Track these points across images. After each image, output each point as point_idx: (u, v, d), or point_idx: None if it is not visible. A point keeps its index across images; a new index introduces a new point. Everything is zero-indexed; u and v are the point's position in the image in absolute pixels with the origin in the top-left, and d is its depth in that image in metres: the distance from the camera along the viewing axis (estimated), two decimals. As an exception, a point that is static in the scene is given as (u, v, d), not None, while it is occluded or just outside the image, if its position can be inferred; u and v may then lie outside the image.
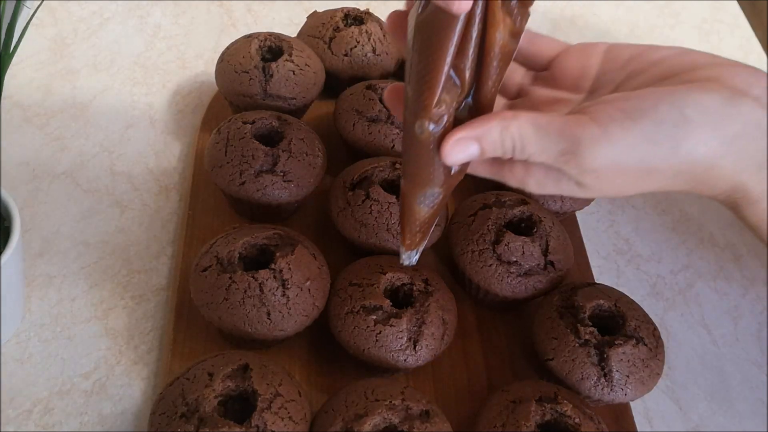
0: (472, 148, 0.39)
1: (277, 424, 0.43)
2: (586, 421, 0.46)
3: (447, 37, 0.37)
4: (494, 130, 0.38)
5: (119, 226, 0.62)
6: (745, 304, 0.65)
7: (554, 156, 0.37)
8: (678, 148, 0.36)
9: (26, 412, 0.50)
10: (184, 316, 0.55)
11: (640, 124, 0.36)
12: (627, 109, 0.37)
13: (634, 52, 0.42)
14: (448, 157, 0.39)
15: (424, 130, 0.39)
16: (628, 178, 0.37)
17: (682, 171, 0.37)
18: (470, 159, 0.40)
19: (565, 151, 0.37)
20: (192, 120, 0.71)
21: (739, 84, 0.37)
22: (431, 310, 0.51)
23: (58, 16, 0.79)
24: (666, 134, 0.36)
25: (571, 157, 0.37)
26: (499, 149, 0.38)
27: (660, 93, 0.37)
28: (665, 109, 0.36)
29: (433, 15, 0.37)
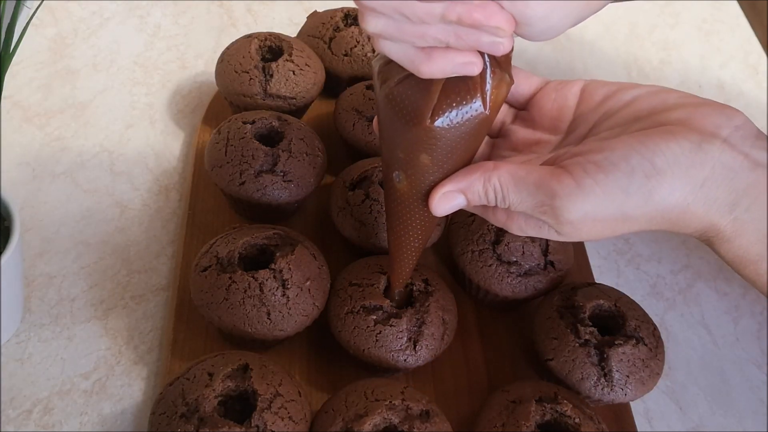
0: (459, 199, 0.41)
1: (277, 424, 0.43)
2: (586, 421, 0.46)
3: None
4: (477, 183, 0.40)
5: (119, 226, 0.62)
6: (745, 304, 0.65)
7: (532, 207, 0.39)
8: (650, 197, 0.37)
9: (26, 412, 0.50)
10: (184, 316, 0.55)
11: (613, 177, 0.37)
12: (599, 161, 0.38)
13: (609, 91, 0.43)
14: (436, 209, 0.41)
15: (402, 180, 0.42)
16: (604, 225, 0.39)
17: (655, 217, 0.38)
18: (456, 209, 0.42)
19: (542, 203, 0.39)
20: (192, 120, 0.71)
21: (708, 126, 0.38)
22: (431, 310, 0.51)
23: (58, 16, 0.79)
24: (638, 185, 0.37)
25: (548, 208, 0.39)
26: (483, 199, 0.41)
27: (630, 143, 0.38)
28: (636, 161, 0.37)
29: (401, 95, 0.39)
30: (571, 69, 0.84)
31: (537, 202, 0.39)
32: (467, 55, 0.36)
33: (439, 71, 0.36)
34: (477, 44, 0.36)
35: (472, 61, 0.36)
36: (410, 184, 0.42)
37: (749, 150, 0.38)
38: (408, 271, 0.48)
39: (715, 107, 0.39)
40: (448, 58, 0.36)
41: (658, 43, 0.90)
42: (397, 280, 0.49)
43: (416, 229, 0.45)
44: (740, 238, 0.39)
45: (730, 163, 0.37)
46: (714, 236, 0.39)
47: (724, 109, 0.39)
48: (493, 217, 0.43)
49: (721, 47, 0.91)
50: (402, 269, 0.48)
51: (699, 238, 0.40)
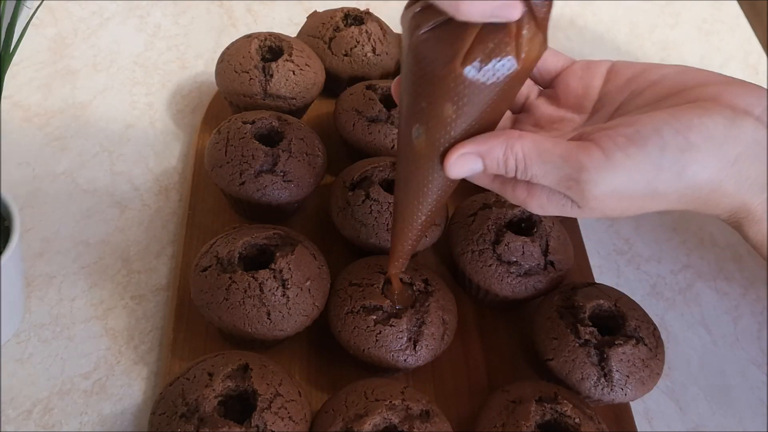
0: (476, 164, 0.39)
1: (277, 424, 0.43)
2: (586, 421, 0.46)
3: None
4: (498, 149, 0.38)
5: (119, 226, 0.62)
6: (745, 304, 0.65)
7: (557, 180, 0.38)
8: (683, 173, 0.36)
9: (26, 412, 0.50)
10: (184, 316, 0.55)
11: (644, 151, 0.36)
12: (630, 135, 0.36)
13: (636, 71, 0.42)
14: (450, 171, 0.39)
15: (421, 134, 0.39)
16: (632, 202, 0.38)
17: (686, 194, 0.37)
18: (472, 174, 0.40)
19: (569, 177, 0.37)
20: (192, 120, 0.71)
21: (740, 104, 0.37)
22: (431, 310, 0.51)
23: (58, 16, 0.79)
24: (670, 160, 0.36)
25: (574, 183, 0.37)
26: (502, 168, 0.39)
27: (663, 117, 0.37)
28: (669, 135, 0.36)
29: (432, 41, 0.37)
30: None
31: (563, 176, 0.37)
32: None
33: (478, 12, 0.34)
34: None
35: (511, 3, 0.34)
36: (429, 139, 0.39)
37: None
38: (409, 251, 0.46)
39: (746, 86, 0.38)
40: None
41: (658, 43, 0.90)
42: (397, 260, 0.47)
43: (427, 197, 0.42)
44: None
45: (762, 140, 0.36)
46: (744, 217, 0.38)
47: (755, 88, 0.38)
48: (512, 194, 0.41)
49: (721, 47, 0.91)
50: (403, 247, 0.46)
51: (727, 220, 0.39)
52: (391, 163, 0.58)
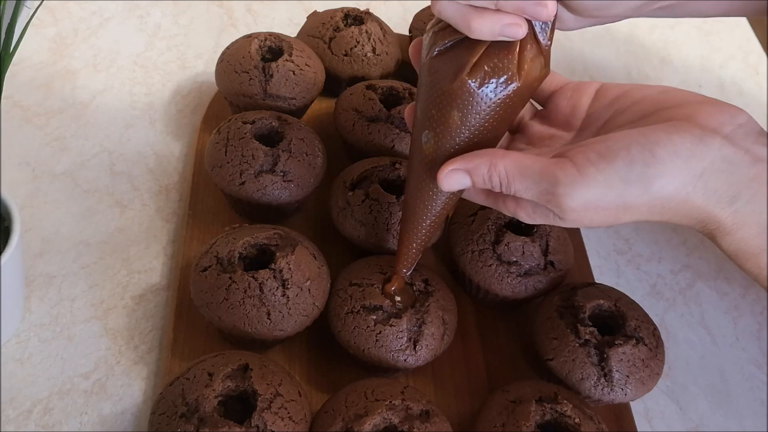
0: (464, 179, 0.43)
1: (277, 424, 0.43)
2: (586, 421, 0.46)
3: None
4: (483, 167, 0.42)
5: (119, 226, 0.62)
6: (745, 304, 0.65)
7: (537, 195, 0.41)
8: (650, 185, 0.38)
9: (26, 412, 0.50)
10: (184, 316, 0.55)
11: (614, 165, 0.39)
12: (601, 151, 0.39)
13: (622, 91, 0.45)
14: (442, 183, 0.43)
15: (430, 140, 0.44)
16: (606, 213, 0.40)
17: (655, 206, 0.39)
18: (461, 188, 0.44)
19: (546, 191, 0.40)
20: (192, 120, 0.71)
21: (711, 123, 0.39)
22: (431, 310, 0.51)
23: (58, 16, 0.79)
24: (637, 174, 0.38)
25: (551, 196, 0.40)
26: (488, 184, 0.42)
27: (632, 135, 0.39)
28: (636, 151, 0.38)
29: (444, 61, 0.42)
30: (571, 69, 0.84)
31: (541, 190, 0.40)
32: (514, 18, 0.39)
33: (488, 30, 0.39)
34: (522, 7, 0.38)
35: (518, 23, 0.39)
36: (437, 145, 0.43)
37: (750, 146, 0.38)
38: (415, 253, 0.49)
39: (720, 106, 0.40)
40: (497, 18, 0.38)
41: (658, 43, 0.90)
42: (403, 262, 0.50)
43: (434, 201, 0.46)
44: (741, 231, 0.39)
45: (730, 156, 0.38)
46: (715, 228, 0.40)
47: (729, 108, 0.40)
48: (504, 206, 0.44)
49: (721, 47, 0.91)
50: (410, 249, 0.49)
51: (701, 231, 0.41)
52: (391, 162, 0.58)
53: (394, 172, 0.58)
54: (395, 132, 0.62)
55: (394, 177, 0.58)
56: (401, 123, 0.62)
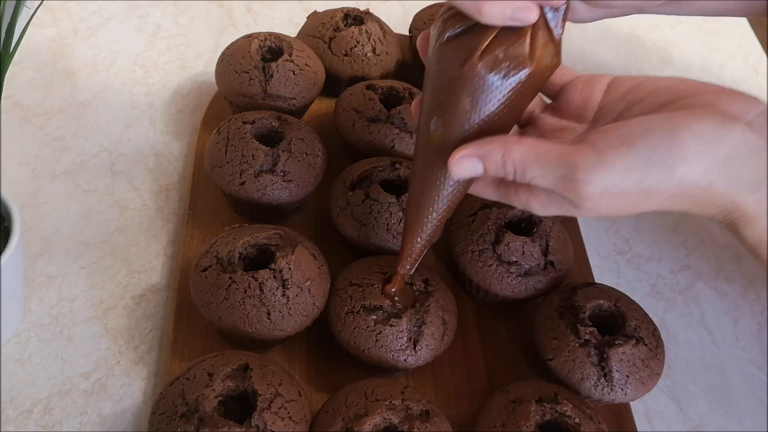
0: (476, 165, 0.41)
1: (277, 424, 0.43)
2: (586, 421, 0.46)
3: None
4: (496, 152, 0.40)
5: (119, 226, 0.62)
6: (745, 304, 0.65)
7: (553, 181, 0.39)
8: (672, 171, 0.37)
9: (26, 412, 0.50)
10: (184, 316, 0.55)
11: (635, 150, 0.37)
12: (623, 135, 0.38)
13: (635, 83, 0.44)
14: (452, 170, 0.41)
15: (438, 127, 0.42)
16: (626, 200, 0.39)
17: (678, 193, 0.38)
18: (473, 176, 0.42)
19: (564, 177, 0.38)
20: (192, 120, 0.71)
21: (732, 110, 0.38)
22: (431, 310, 0.51)
23: (58, 16, 0.79)
24: (660, 158, 0.37)
25: (569, 183, 0.38)
26: (501, 171, 0.40)
27: (654, 120, 0.38)
28: (659, 135, 0.37)
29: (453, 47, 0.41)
30: (571, 68, 0.84)
31: (558, 176, 0.39)
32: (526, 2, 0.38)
33: (498, 14, 0.38)
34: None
35: (529, 7, 0.38)
36: (445, 131, 0.42)
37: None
38: (419, 250, 0.48)
39: (738, 95, 0.39)
40: (508, 2, 0.38)
41: (658, 43, 0.90)
42: (406, 259, 0.48)
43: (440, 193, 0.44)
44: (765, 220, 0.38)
45: (753, 143, 0.37)
46: (738, 218, 0.39)
47: (747, 97, 0.39)
48: (515, 197, 0.43)
49: (721, 47, 0.91)
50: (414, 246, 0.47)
51: (723, 222, 0.40)
52: (391, 163, 0.58)
53: (394, 172, 0.58)
54: (395, 132, 0.62)
55: (394, 177, 0.58)
56: (401, 123, 0.62)
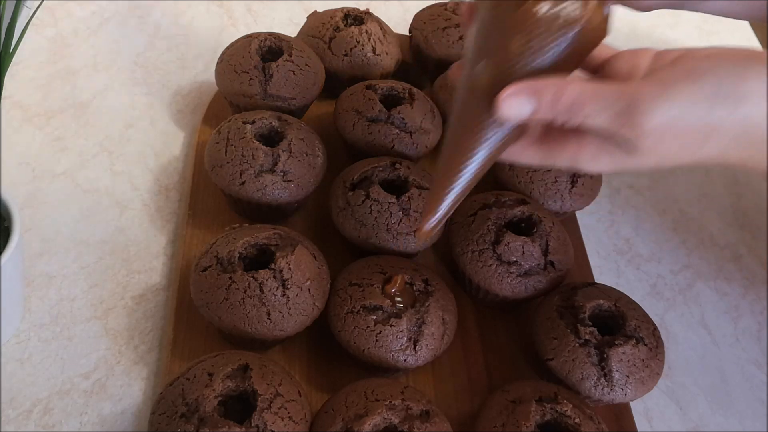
0: (528, 103, 0.38)
1: (277, 424, 0.43)
2: (586, 421, 0.46)
3: None
4: (551, 89, 0.38)
5: (119, 226, 0.62)
6: (745, 304, 0.65)
7: (611, 118, 0.37)
8: (737, 107, 0.36)
9: (26, 412, 0.50)
10: (184, 316, 0.55)
11: (700, 83, 0.36)
12: (688, 70, 0.37)
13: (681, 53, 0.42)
14: (500, 107, 0.39)
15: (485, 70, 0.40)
16: (685, 140, 0.37)
17: (740, 134, 0.37)
18: (522, 116, 0.39)
19: (623, 111, 0.37)
20: (192, 120, 0.71)
21: None
22: (431, 310, 0.51)
23: (58, 16, 0.79)
24: (726, 91, 0.36)
25: (628, 118, 0.37)
26: (553, 110, 0.38)
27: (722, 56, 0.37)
28: (726, 70, 0.36)
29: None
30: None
31: (616, 111, 0.37)
32: None
33: None
34: None
35: None
36: (491, 75, 0.40)
37: None
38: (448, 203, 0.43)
39: None
40: None
41: (658, 43, 0.90)
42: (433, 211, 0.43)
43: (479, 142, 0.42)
44: None
45: None
46: None
47: None
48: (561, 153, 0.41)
49: (721, 47, 0.91)
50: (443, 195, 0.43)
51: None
52: (391, 163, 0.58)
53: (394, 172, 0.58)
54: (395, 132, 0.62)
55: (394, 177, 0.58)
56: (401, 123, 0.62)
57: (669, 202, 0.72)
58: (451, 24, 0.72)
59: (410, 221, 0.56)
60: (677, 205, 0.72)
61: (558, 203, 0.62)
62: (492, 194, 0.59)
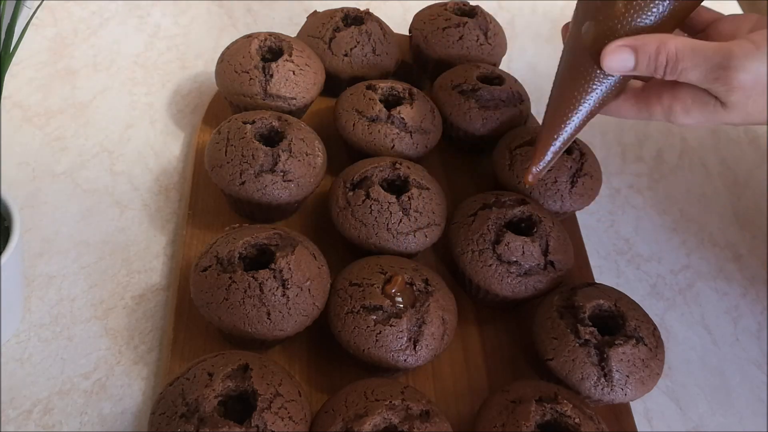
0: (629, 58, 0.43)
1: (277, 424, 0.43)
2: (586, 421, 0.46)
3: None
4: (651, 45, 0.42)
5: (119, 226, 0.62)
6: (745, 304, 0.65)
7: (706, 72, 0.41)
8: None
9: (26, 412, 0.50)
10: (184, 316, 0.55)
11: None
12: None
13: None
14: (605, 60, 0.43)
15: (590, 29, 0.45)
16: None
17: None
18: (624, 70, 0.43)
19: (718, 66, 0.40)
20: (192, 120, 0.71)
21: None
22: (431, 310, 0.51)
23: (58, 16, 0.79)
24: None
25: (721, 72, 0.40)
26: (653, 63, 0.42)
27: None
28: None
29: None
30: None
31: (711, 66, 0.40)
32: None
33: None
34: None
35: None
36: (596, 33, 0.44)
37: None
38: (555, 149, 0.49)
39: None
40: None
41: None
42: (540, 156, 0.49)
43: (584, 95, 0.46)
44: None
45: None
46: None
47: None
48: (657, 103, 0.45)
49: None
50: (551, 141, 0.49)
51: None
52: (391, 163, 0.58)
53: (394, 172, 0.58)
54: (395, 132, 0.62)
55: (394, 177, 0.58)
56: (401, 123, 0.62)
57: (669, 202, 0.72)
58: (451, 24, 0.72)
59: (410, 221, 0.56)
60: (677, 205, 0.72)
61: (558, 203, 0.62)
62: (492, 194, 0.59)
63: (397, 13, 0.84)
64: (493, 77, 0.68)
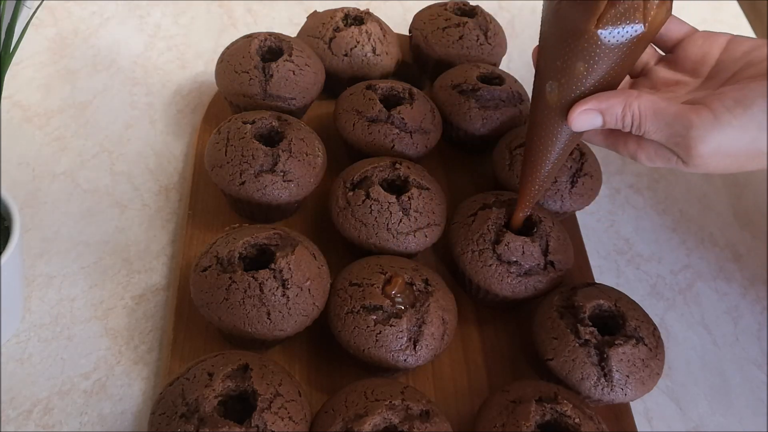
0: (596, 119, 0.44)
1: (277, 424, 0.43)
2: (586, 421, 0.46)
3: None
4: (617, 106, 0.43)
5: (119, 226, 0.62)
6: (745, 304, 0.65)
7: (667, 137, 0.42)
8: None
9: (26, 412, 0.50)
10: (184, 316, 0.55)
11: (750, 113, 0.40)
12: (739, 98, 0.40)
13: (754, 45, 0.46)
14: (573, 124, 0.45)
15: (554, 89, 0.46)
16: (734, 160, 0.41)
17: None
18: (592, 128, 0.45)
19: (678, 134, 0.41)
20: (192, 120, 0.71)
21: None
22: (431, 310, 0.51)
23: (58, 16, 0.79)
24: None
25: (682, 140, 0.41)
26: (619, 123, 0.44)
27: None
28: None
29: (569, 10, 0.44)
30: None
31: (672, 132, 0.41)
32: None
33: None
34: None
35: None
36: (561, 93, 0.46)
37: None
38: (536, 193, 0.53)
39: None
40: None
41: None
42: (525, 203, 0.53)
43: (555, 146, 0.49)
44: None
45: None
46: None
47: None
48: (623, 147, 0.46)
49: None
50: (531, 192, 0.52)
51: None
52: (391, 163, 0.58)
53: (394, 172, 0.58)
54: (395, 132, 0.62)
55: (394, 177, 0.58)
56: (401, 123, 0.62)
57: (669, 202, 0.72)
58: (451, 24, 0.72)
59: (410, 221, 0.56)
60: (677, 205, 0.72)
61: (558, 203, 0.61)
62: (492, 194, 0.59)
63: (397, 13, 0.84)
64: (493, 77, 0.68)
